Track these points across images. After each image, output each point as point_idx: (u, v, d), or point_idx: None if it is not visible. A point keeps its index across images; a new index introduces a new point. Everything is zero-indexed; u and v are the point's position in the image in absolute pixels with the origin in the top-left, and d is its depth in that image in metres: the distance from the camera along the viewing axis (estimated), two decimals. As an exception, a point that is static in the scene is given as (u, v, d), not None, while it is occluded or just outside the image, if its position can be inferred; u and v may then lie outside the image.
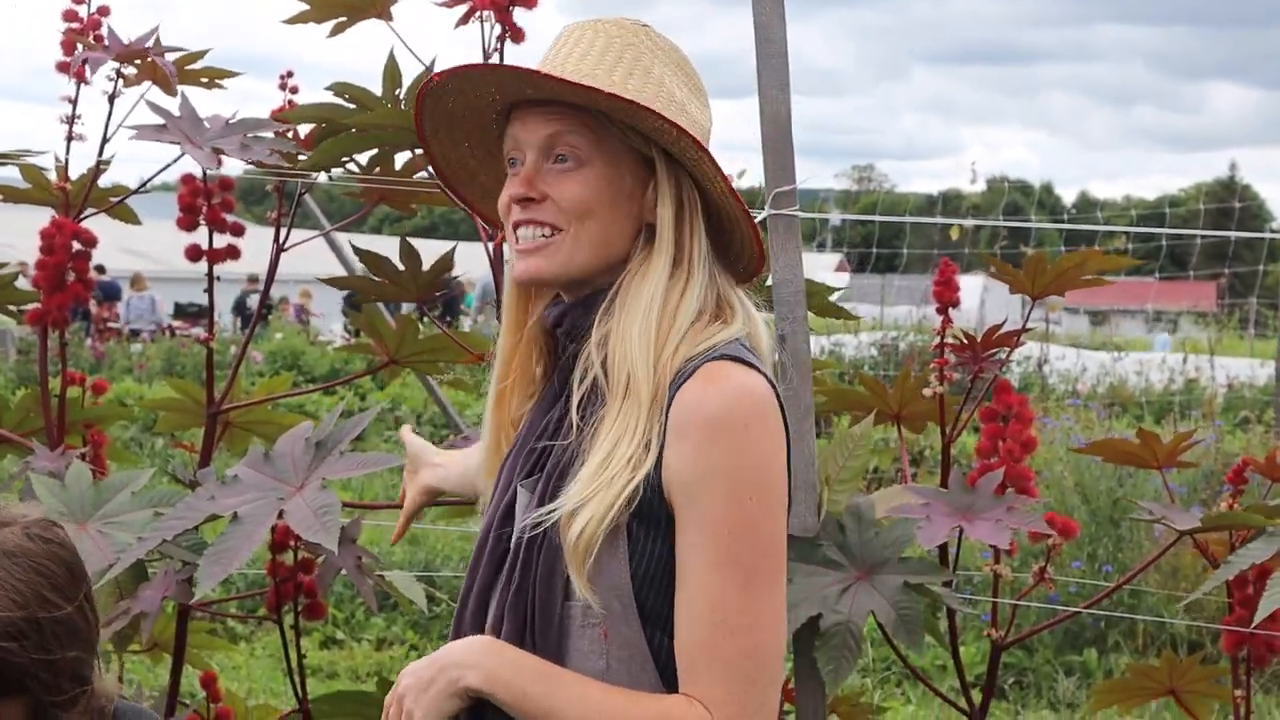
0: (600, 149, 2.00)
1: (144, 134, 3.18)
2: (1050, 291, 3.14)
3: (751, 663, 1.88)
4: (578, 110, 1.99)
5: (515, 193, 2.01)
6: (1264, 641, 3.05)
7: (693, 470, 1.90)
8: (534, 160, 2.01)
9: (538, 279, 2.03)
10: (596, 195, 2.00)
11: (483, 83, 2.04)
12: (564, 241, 2.00)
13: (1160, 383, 16.89)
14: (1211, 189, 51.27)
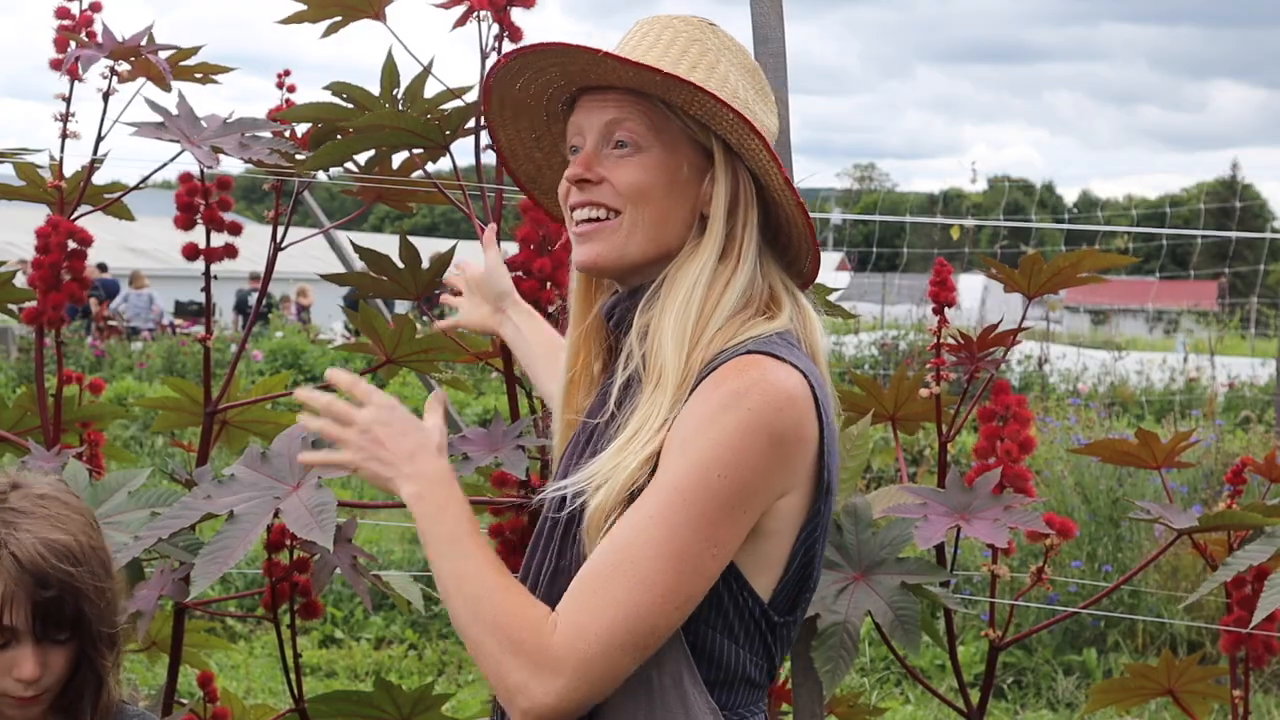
0: (659, 136, 2.02)
1: (143, 132, 3.18)
2: (1046, 290, 3.13)
3: (626, 618, 1.87)
4: (639, 97, 2.02)
5: (573, 174, 2.04)
6: (1262, 642, 3.04)
7: (685, 427, 1.90)
8: (594, 144, 2.04)
9: (595, 265, 2.05)
10: (653, 180, 2.02)
11: (547, 64, 2.06)
12: (619, 225, 2.03)
13: (1161, 382, 16.91)
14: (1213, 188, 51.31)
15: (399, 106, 3.20)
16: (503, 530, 3.18)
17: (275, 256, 3.46)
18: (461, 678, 7.65)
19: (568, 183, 2.06)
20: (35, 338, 3.45)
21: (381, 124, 3.19)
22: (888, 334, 17.16)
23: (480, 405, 13.64)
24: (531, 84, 2.12)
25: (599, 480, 1.94)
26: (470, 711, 5.56)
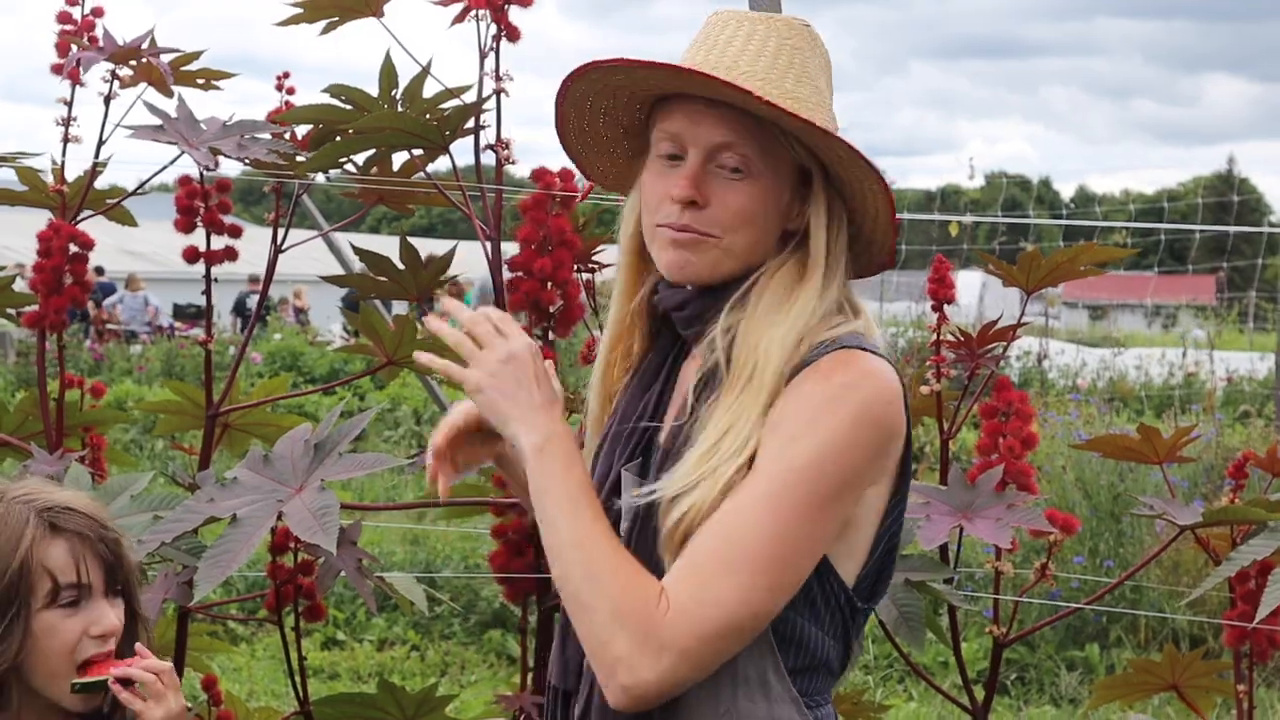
0: (767, 161, 2.01)
1: (141, 134, 3.18)
2: (1044, 285, 3.14)
3: (736, 604, 1.88)
4: (746, 115, 1.99)
5: (681, 194, 2.00)
6: (1266, 636, 3.04)
7: (793, 418, 1.92)
8: (699, 163, 2.01)
9: (685, 274, 2.03)
10: (761, 209, 2.01)
11: (659, 76, 2.02)
12: (718, 245, 2.01)
13: (1160, 377, 16.90)
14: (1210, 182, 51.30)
15: (398, 107, 3.20)
16: (505, 531, 3.18)
17: (276, 259, 3.45)
18: (464, 679, 7.65)
19: (674, 199, 2.02)
20: (37, 342, 3.45)
21: (381, 125, 3.19)
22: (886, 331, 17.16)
23: (480, 406, 13.62)
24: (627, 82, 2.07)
25: (676, 489, 1.93)
26: (473, 713, 5.56)
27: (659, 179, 2.05)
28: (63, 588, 2.20)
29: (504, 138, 3.22)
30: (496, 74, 3.21)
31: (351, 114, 3.21)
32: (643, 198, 2.09)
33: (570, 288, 3.14)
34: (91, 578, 2.22)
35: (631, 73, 2.02)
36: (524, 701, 3.14)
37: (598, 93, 2.09)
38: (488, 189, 3.23)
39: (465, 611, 8.41)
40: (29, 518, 2.19)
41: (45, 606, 2.19)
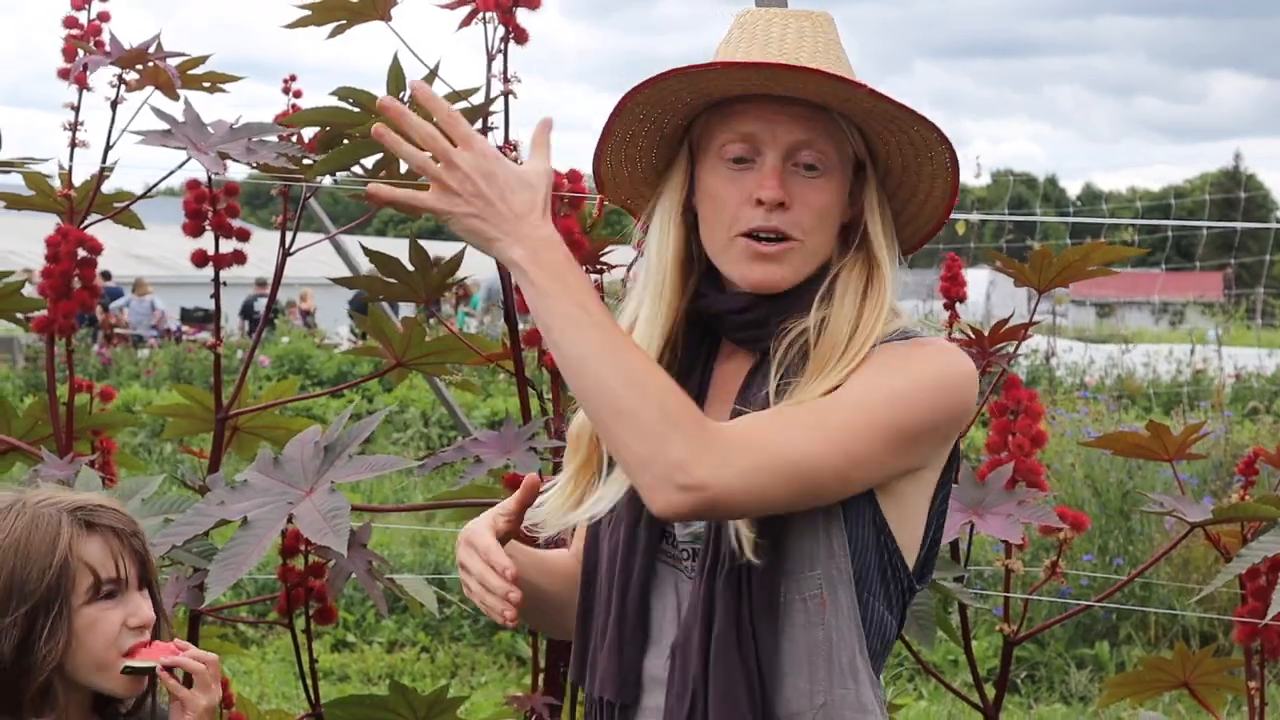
0: (840, 154, 2.00)
1: (149, 139, 3.18)
2: (1056, 284, 3.14)
3: (797, 445, 1.85)
4: (818, 112, 1.97)
5: (773, 196, 1.96)
6: (1277, 633, 3.04)
7: (887, 360, 1.93)
8: (778, 163, 1.97)
9: (776, 288, 1.99)
10: (835, 205, 2.00)
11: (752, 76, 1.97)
12: (803, 249, 1.99)
13: (1168, 374, 16.88)
14: (1216, 179, 51.24)
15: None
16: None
17: (284, 262, 3.46)
18: (474, 680, 7.65)
19: (762, 201, 1.97)
20: (46, 346, 3.45)
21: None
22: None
23: (488, 407, 13.64)
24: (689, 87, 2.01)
25: None
26: (483, 714, 5.56)
27: (729, 184, 2.00)
28: (104, 582, 2.24)
29: (512, 140, 3.23)
30: (504, 76, 3.21)
31: (359, 117, 3.21)
32: (710, 206, 2.02)
33: (579, 289, 3.14)
34: (128, 571, 2.26)
35: (719, 75, 1.97)
36: (535, 702, 3.14)
37: (654, 102, 2.03)
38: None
39: (475, 613, 8.42)
40: (61, 518, 2.23)
41: (86, 602, 2.23)
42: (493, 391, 14.43)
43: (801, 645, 1.92)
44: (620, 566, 2.00)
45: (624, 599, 1.98)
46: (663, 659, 1.97)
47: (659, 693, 1.96)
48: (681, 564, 1.99)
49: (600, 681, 2.00)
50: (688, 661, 1.92)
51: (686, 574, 1.98)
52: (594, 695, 2.02)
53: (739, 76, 1.96)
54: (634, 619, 1.98)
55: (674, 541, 2.00)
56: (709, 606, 1.93)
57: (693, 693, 1.91)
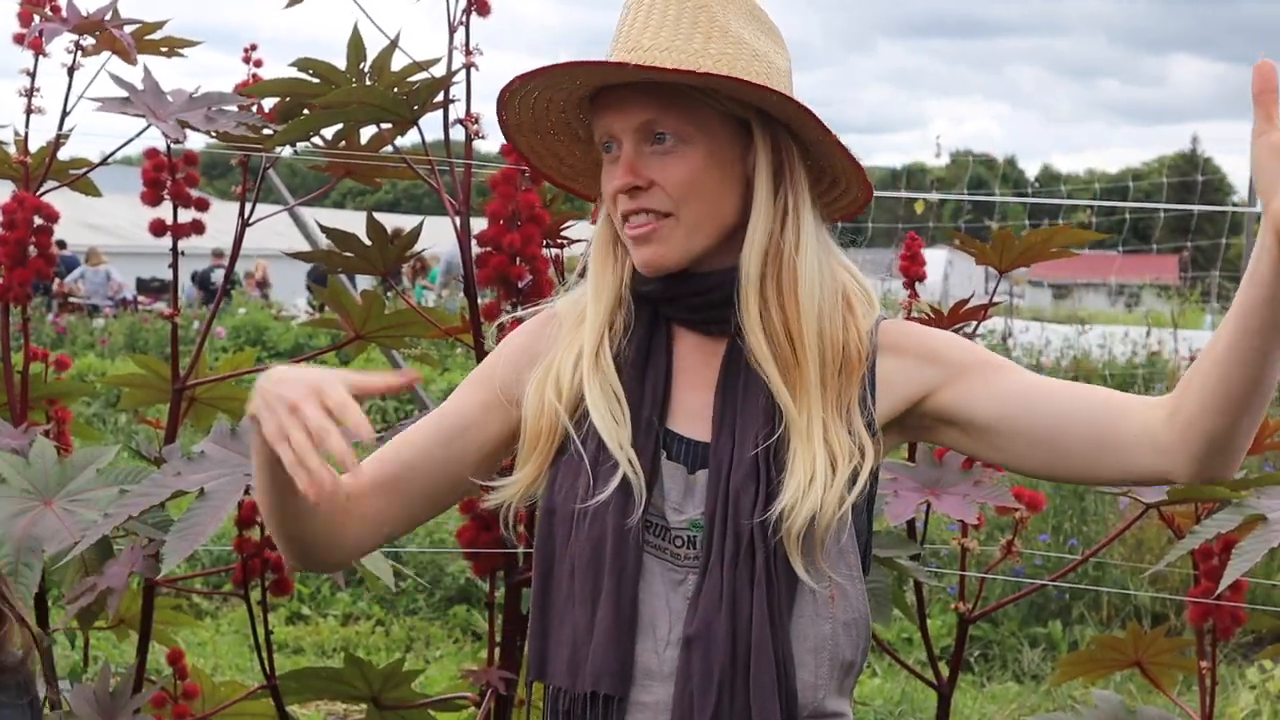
0: (698, 124, 1.96)
1: (108, 106, 3.16)
2: (1018, 265, 3.14)
3: None
4: (669, 87, 1.95)
5: (621, 183, 1.96)
6: (1229, 613, 3.06)
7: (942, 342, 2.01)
8: (633, 146, 1.97)
9: (663, 265, 1.98)
10: (704, 173, 1.96)
11: (567, 78, 1.99)
12: (678, 224, 1.96)
13: (1124, 356, 16.97)
14: (1174, 162, 51.47)
15: (366, 81, 3.19)
16: (473, 506, 3.17)
17: (243, 233, 3.44)
18: (429, 654, 7.64)
19: (616, 191, 1.98)
20: (0, 315, 3.42)
21: (348, 99, 3.17)
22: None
23: (445, 381, 13.61)
24: (548, 94, 2.04)
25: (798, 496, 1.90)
26: (439, 687, 5.55)
27: (606, 178, 2.02)
28: None
29: (473, 112, 3.21)
30: (466, 48, 3.20)
31: (319, 87, 3.19)
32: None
33: (539, 263, 3.13)
34: None
35: (544, 79, 1.99)
36: (490, 676, 3.14)
37: (537, 107, 2.07)
38: (456, 163, 3.22)
39: (430, 587, 8.41)
40: None
41: None
42: (450, 366, 14.39)
43: (809, 639, 1.92)
44: (612, 556, 1.94)
45: (619, 588, 1.93)
46: (658, 651, 1.93)
47: (655, 687, 1.92)
48: (670, 552, 1.96)
49: (594, 675, 1.93)
50: (711, 652, 1.89)
51: (675, 562, 1.95)
52: (579, 689, 1.94)
53: (579, 73, 1.98)
54: (629, 609, 1.94)
55: (661, 531, 1.96)
56: (733, 594, 1.90)
57: (719, 684, 1.88)
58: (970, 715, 6.83)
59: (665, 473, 1.97)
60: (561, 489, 2.00)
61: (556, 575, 1.99)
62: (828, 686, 1.93)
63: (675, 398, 2.02)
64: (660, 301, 2.04)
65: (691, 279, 2.02)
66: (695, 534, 1.95)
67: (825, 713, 1.95)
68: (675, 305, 2.04)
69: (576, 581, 1.96)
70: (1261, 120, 1.72)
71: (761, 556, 1.90)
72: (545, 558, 2.01)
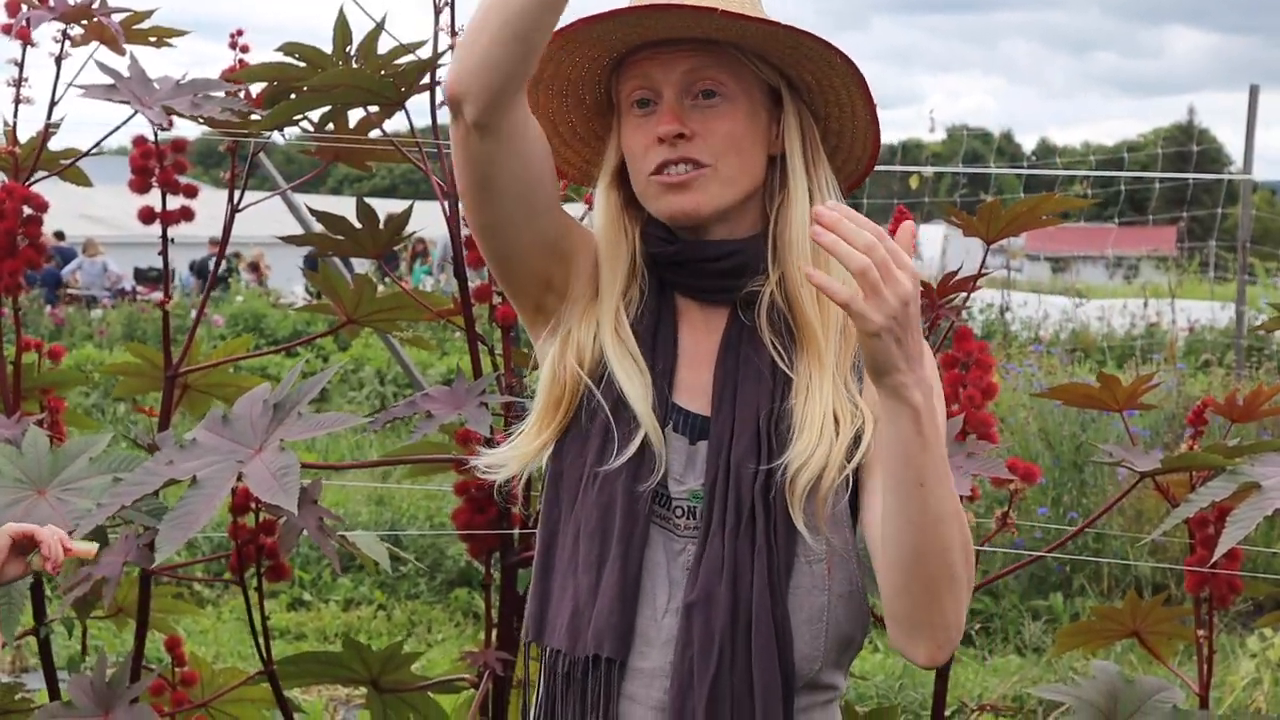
0: (738, 82, 1.99)
1: (93, 94, 3.15)
2: (1005, 235, 3.13)
3: None
4: (711, 45, 1.97)
5: (667, 130, 1.97)
6: (1225, 581, 3.06)
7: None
8: (675, 97, 1.98)
9: (696, 215, 1.99)
10: (744, 130, 1.99)
11: (636, 23, 1.97)
12: (715, 175, 1.98)
13: (1122, 328, 16.96)
14: (1170, 134, 51.36)
15: (353, 64, 3.18)
16: (468, 488, 3.18)
17: (232, 219, 3.43)
18: (431, 637, 7.65)
19: (661, 137, 1.97)
20: (-8, 306, 3.42)
21: (335, 82, 3.16)
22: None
23: (444, 365, 13.61)
24: (587, 47, 2.03)
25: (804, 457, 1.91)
26: (439, 670, 5.55)
27: (638, 131, 2.01)
28: None
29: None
30: (452, 29, 3.19)
31: (306, 71, 3.19)
32: (628, 158, 2.04)
33: (529, 243, 3.13)
34: None
35: (592, 29, 1.98)
36: (488, 658, 3.14)
37: (559, 78, 2.07)
38: (444, 145, 3.21)
39: (431, 571, 8.41)
40: None
41: None
42: (449, 349, 14.39)
43: (805, 610, 1.92)
44: (621, 522, 1.95)
45: (626, 554, 1.94)
46: (656, 618, 1.94)
47: (652, 653, 1.94)
48: (671, 522, 1.97)
49: (596, 637, 1.94)
50: (712, 619, 1.90)
51: (676, 532, 1.96)
52: (579, 653, 1.95)
53: (610, 27, 1.97)
54: (635, 575, 1.95)
55: (663, 501, 1.97)
56: (734, 562, 1.91)
57: (720, 649, 1.89)
58: (972, 688, 6.84)
59: (668, 444, 1.98)
60: (569, 454, 2.01)
61: (561, 539, 2.01)
62: (825, 659, 1.94)
63: (676, 370, 2.03)
64: (670, 267, 2.04)
65: (708, 245, 2.03)
66: (695, 505, 1.96)
67: (820, 685, 1.96)
68: (685, 270, 2.04)
69: (582, 546, 1.97)
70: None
71: (762, 524, 1.91)
72: (551, 522, 2.03)
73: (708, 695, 1.89)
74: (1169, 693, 2.91)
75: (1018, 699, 6.61)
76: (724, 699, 1.89)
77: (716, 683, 1.89)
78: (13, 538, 2.24)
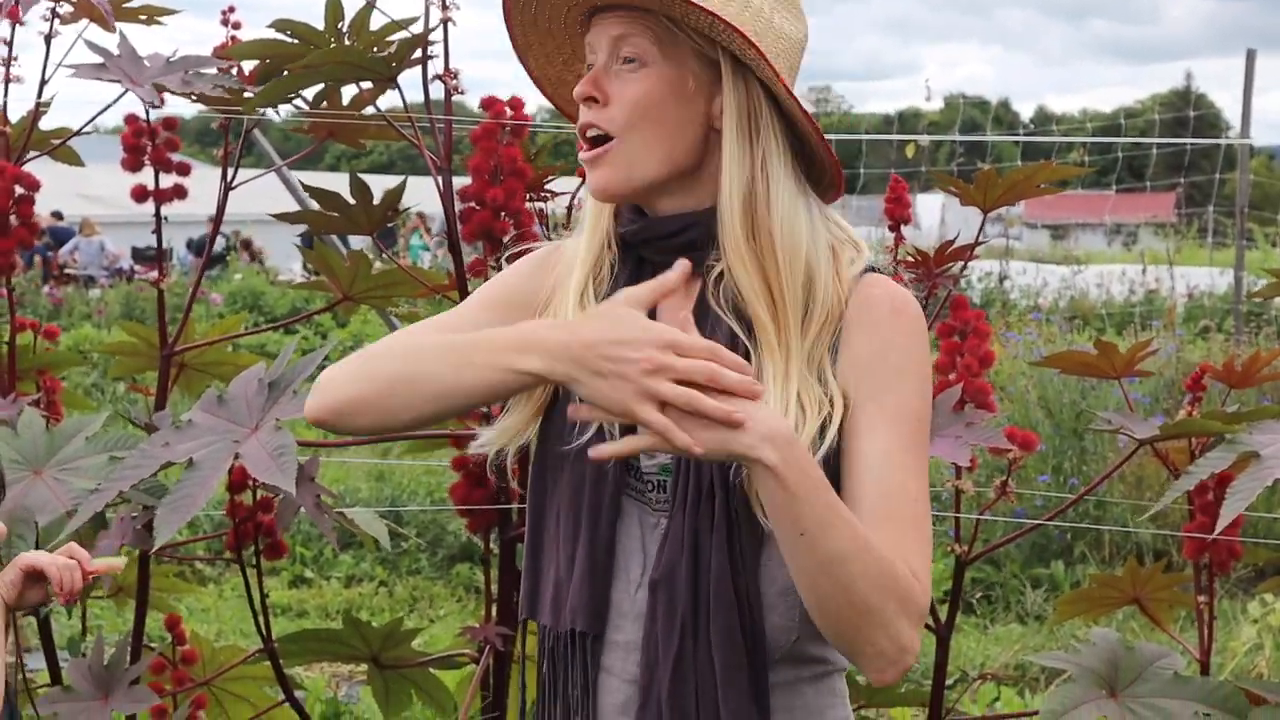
0: (664, 51, 1.96)
1: (83, 73, 3.14)
2: (1002, 203, 3.13)
3: (926, 529, 1.88)
4: (647, 14, 1.95)
5: (580, 91, 1.97)
6: (1225, 547, 3.06)
7: (886, 362, 1.91)
8: (603, 62, 1.98)
9: (608, 191, 1.98)
10: (655, 96, 1.95)
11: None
12: (621, 150, 1.96)
13: (1121, 295, 16.97)
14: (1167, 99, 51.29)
15: (344, 41, 3.17)
16: (466, 463, 3.17)
17: (226, 196, 3.42)
18: (433, 613, 7.66)
19: (576, 98, 1.99)
20: (-14, 285, 3.42)
21: (327, 59, 3.15)
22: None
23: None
24: (546, 8, 2.05)
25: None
26: (441, 645, 5.56)
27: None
28: None
29: (452, 68, 3.19)
30: (443, 4, 3.18)
31: (298, 48, 3.17)
32: None
33: (523, 217, 3.12)
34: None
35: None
36: (488, 632, 3.14)
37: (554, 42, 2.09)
38: (437, 119, 3.20)
39: (432, 546, 8.42)
40: None
41: None
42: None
43: (778, 581, 1.90)
44: (589, 498, 1.96)
45: (595, 529, 1.95)
46: (630, 592, 1.94)
47: (627, 626, 1.94)
48: (645, 495, 1.96)
49: (571, 612, 1.95)
50: (674, 595, 1.89)
51: (650, 506, 1.96)
52: (560, 628, 1.96)
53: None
54: (604, 550, 1.95)
55: (638, 474, 1.97)
56: (695, 539, 1.90)
57: (682, 626, 1.88)
58: (974, 657, 6.85)
59: None
60: (550, 433, 2.01)
61: (547, 517, 2.02)
62: (802, 629, 1.92)
63: None
64: (638, 243, 2.03)
65: (660, 220, 2.01)
66: (666, 479, 1.95)
67: (805, 657, 1.95)
68: (650, 247, 2.02)
69: (561, 523, 1.99)
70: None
71: (720, 500, 1.89)
72: (537, 499, 2.04)
73: (671, 671, 1.89)
74: (1170, 659, 2.91)
75: (1019, 667, 6.62)
76: (688, 675, 1.89)
77: (680, 659, 1.89)
78: (23, 570, 2.27)
